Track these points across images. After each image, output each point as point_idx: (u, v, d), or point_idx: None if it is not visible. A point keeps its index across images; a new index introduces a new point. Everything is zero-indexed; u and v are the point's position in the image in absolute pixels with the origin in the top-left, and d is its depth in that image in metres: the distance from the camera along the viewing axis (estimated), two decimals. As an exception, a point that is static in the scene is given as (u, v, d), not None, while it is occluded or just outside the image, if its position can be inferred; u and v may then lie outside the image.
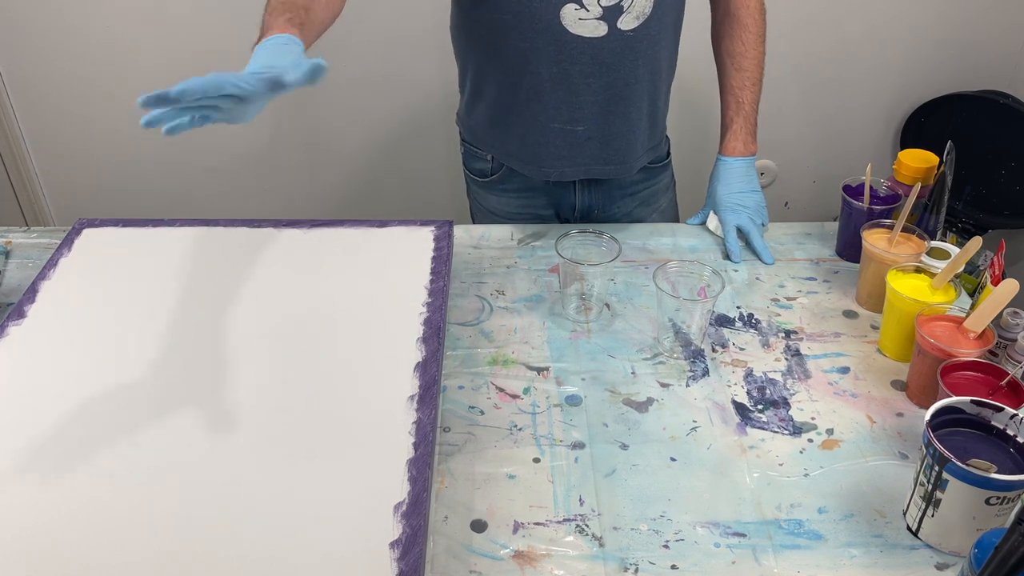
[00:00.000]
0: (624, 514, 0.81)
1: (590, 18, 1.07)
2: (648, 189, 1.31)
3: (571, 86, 1.13)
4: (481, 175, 1.31)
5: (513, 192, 1.29)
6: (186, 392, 0.88)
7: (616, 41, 1.10)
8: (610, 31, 1.09)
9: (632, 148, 1.21)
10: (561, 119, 1.16)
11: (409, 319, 0.97)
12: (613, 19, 1.08)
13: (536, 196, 1.28)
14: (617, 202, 1.30)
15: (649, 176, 1.30)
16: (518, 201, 1.29)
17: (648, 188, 1.31)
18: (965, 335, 0.91)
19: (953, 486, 0.73)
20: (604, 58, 1.10)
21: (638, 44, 1.11)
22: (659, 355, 1.01)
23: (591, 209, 1.29)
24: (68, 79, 1.97)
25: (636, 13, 1.08)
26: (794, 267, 1.17)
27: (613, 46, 1.10)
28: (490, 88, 1.19)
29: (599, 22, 1.08)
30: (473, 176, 1.33)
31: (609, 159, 1.21)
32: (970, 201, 2.06)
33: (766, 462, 0.87)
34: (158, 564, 0.71)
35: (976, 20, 1.96)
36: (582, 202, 1.28)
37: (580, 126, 1.17)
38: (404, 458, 0.80)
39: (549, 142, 1.19)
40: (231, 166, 2.09)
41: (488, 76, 1.18)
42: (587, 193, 1.27)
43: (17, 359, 0.92)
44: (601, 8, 1.07)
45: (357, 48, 1.93)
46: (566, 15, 1.07)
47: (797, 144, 2.14)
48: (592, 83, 1.13)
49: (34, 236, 1.20)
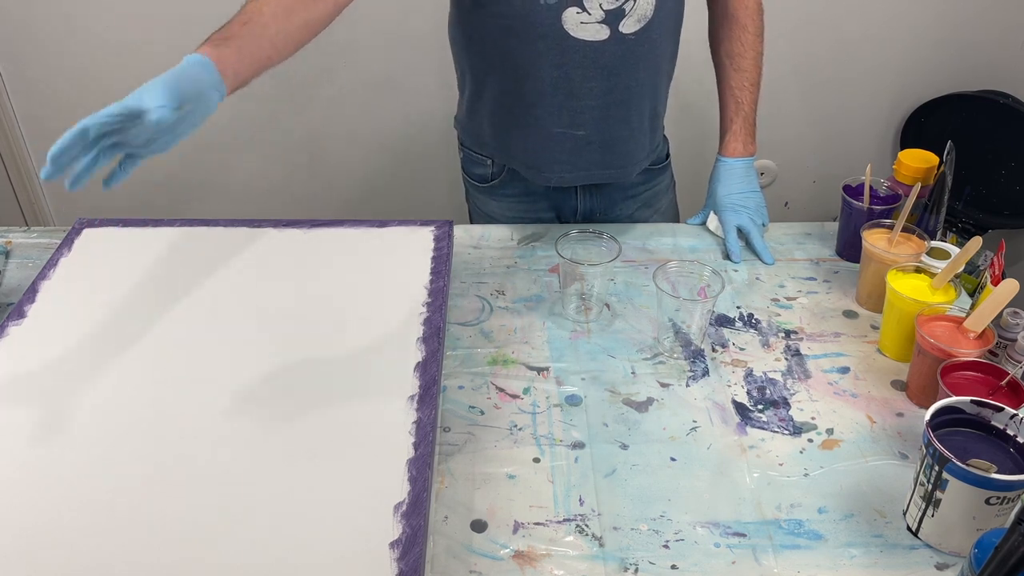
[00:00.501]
0: (624, 514, 0.81)
1: (592, 22, 1.07)
2: (649, 191, 1.31)
3: (572, 90, 1.12)
4: (481, 180, 1.30)
5: (514, 197, 1.28)
6: (186, 391, 0.88)
7: (618, 45, 1.09)
8: (612, 35, 1.08)
9: (634, 152, 1.21)
10: (562, 123, 1.16)
11: (409, 319, 0.97)
12: (615, 23, 1.08)
13: (537, 200, 1.28)
14: (618, 204, 1.29)
15: (650, 178, 1.30)
16: (519, 206, 1.29)
17: (649, 190, 1.31)
18: (965, 335, 0.91)
19: (953, 486, 0.73)
20: (606, 62, 1.10)
21: (639, 47, 1.11)
22: (659, 355, 1.01)
23: (592, 212, 1.29)
24: (68, 79, 1.97)
25: (638, 16, 1.08)
26: (794, 267, 1.17)
27: (615, 50, 1.10)
28: (490, 92, 1.19)
29: (601, 26, 1.08)
30: (473, 181, 1.32)
31: (610, 163, 1.21)
32: (970, 201, 2.06)
33: (766, 462, 0.87)
34: (158, 564, 0.71)
35: (976, 20, 1.96)
36: (584, 206, 1.28)
37: (581, 130, 1.16)
38: (404, 458, 0.80)
39: (550, 147, 1.18)
40: (231, 166, 2.09)
41: (488, 80, 1.18)
42: (589, 197, 1.27)
43: (17, 359, 0.92)
44: (603, 12, 1.07)
45: (357, 49, 1.93)
46: (568, 19, 1.07)
47: (797, 144, 2.14)
48: (594, 87, 1.12)
49: (34, 236, 1.20)
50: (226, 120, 1.98)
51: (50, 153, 0.71)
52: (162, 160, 0.79)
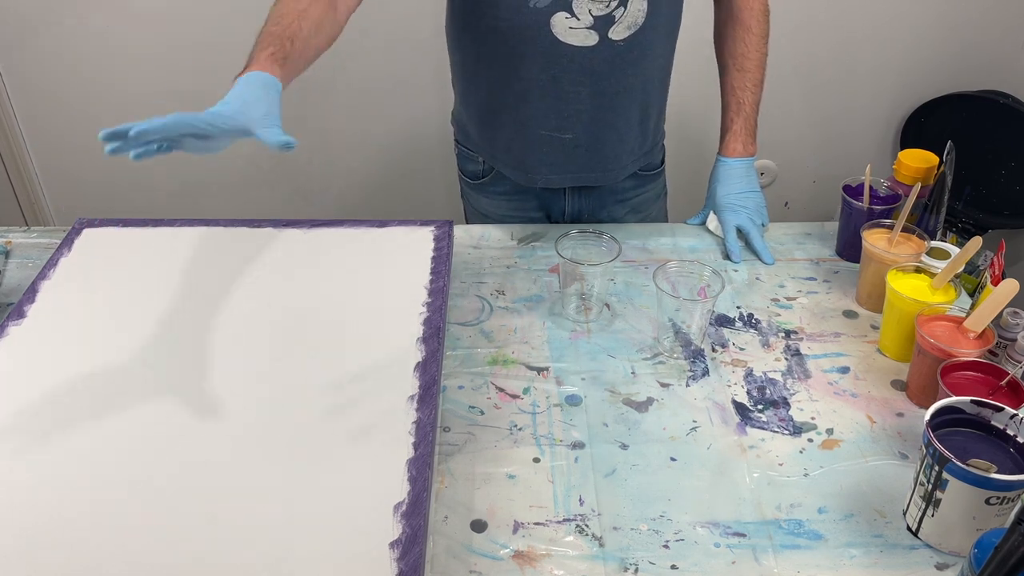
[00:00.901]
0: (624, 514, 0.81)
1: (581, 27, 1.07)
2: (638, 196, 1.31)
3: (560, 94, 1.12)
4: (473, 176, 1.31)
5: (503, 195, 1.29)
6: (186, 392, 0.88)
7: (607, 51, 1.09)
8: (601, 40, 1.08)
9: (621, 156, 1.21)
10: (549, 126, 1.16)
11: (409, 319, 0.97)
12: (604, 29, 1.08)
13: (527, 199, 1.28)
14: (607, 207, 1.29)
15: (640, 183, 1.30)
16: (509, 204, 1.29)
17: (639, 196, 1.31)
18: (965, 335, 0.91)
19: (953, 486, 0.73)
20: (594, 67, 1.10)
21: (629, 54, 1.10)
22: (659, 355, 1.01)
23: (581, 213, 1.29)
24: (68, 79, 1.97)
25: (628, 23, 1.08)
26: (794, 267, 1.17)
27: (604, 55, 1.09)
28: (480, 91, 1.19)
29: (590, 31, 1.07)
30: (465, 177, 1.33)
31: (597, 166, 1.21)
32: (970, 201, 2.06)
33: (766, 462, 0.87)
34: (157, 564, 0.71)
35: (976, 20, 1.96)
36: (572, 207, 1.28)
37: (568, 134, 1.16)
38: (404, 458, 0.80)
39: (537, 148, 1.18)
40: (231, 166, 2.09)
41: (477, 79, 1.18)
42: (577, 198, 1.27)
43: (17, 359, 0.92)
44: (592, 18, 1.06)
45: (358, 49, 1.93)
46: (556, 23, 1.07)
47: (797, 144, 2.14)
48: (581, 91, 1.12)
49: (34, 236, 1.20)
50: (226, 120, 1.98)
51: (137, 129, 0.73)
52: (162, 160, 0.79)
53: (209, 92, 1.19)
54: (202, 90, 1.96)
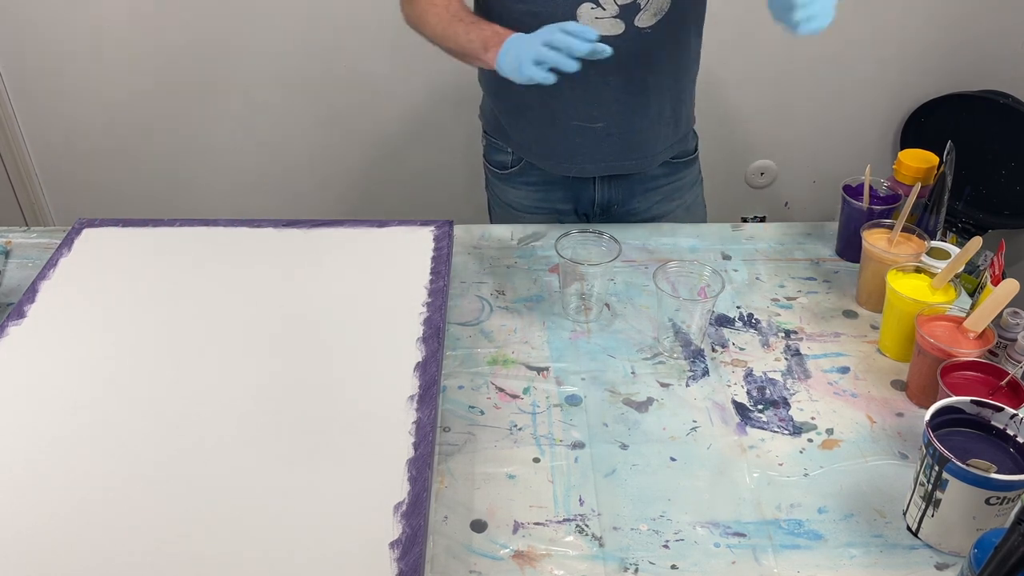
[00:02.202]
0: (624, 514, 0.81)
1: (607, 16, 1.07)
2: (671, 184, 1.30)
3: (589, 85, 1.13)
4: (501, 167, 1.31)
5: (532, 186, 1.29)
6: (186, 392, 0.88)
7: (634, 39, 1.09)
8: (627, 29, 1.08)
9: (653, 143, 1.21)
10: (580, 117, 1.16)
11: (409, 319, 0.97)
12: (630, 17, 1.08)
13: (555, 190, 1.28)
14: (638, 197, 1.29)
15: (673, 171, 1.29)
16: (536, 195, 1.29)
17: (671, 183, 1.30)
18: (965, 335, 0.91)
19: (953, 486, 0.73)
20: (622, 56, 1.10)
21: (656, 41, 1.11)
22: (659, 355, 1.01)
23: (611, 204, 1.29)
24: (68, 79, 1.97)
25: (653, 10, 1.08)
26: (794, 267, 1.17)
27: (631, 44, 1.10)
28: (506, 84, 1.19)
29: (616, 20, 1.08)
30: (493, 168, 1.33)
31: (630, 154, 1.21)
32: (970, 201, 2.06)
33: (766, 462, 0.87)
34: (157, 564, 0.71)
35: (976, 20, 1.96)
36: (602, 197, 1.28)
37: (599, 123, 1.17)
38: (404, 458, 0.80)
39: (568, 139, 1.19)
40: (231, 166, 2.09)
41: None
42: (607, 188, 1.27)
43: (17, 359, 0.92)
44: (617, 6, 1.07)
45: (358, 49, 1.93)
46: (583, 14, 1.07)
47: (797, 144, 2.14)
48: (611, 81, 1.13)
49: (34, 236, 1.20)
50: (226, 120, 1.98)
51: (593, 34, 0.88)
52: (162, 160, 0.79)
53: (209, 92, 1.22)
54: (202, 90, 1.97)
